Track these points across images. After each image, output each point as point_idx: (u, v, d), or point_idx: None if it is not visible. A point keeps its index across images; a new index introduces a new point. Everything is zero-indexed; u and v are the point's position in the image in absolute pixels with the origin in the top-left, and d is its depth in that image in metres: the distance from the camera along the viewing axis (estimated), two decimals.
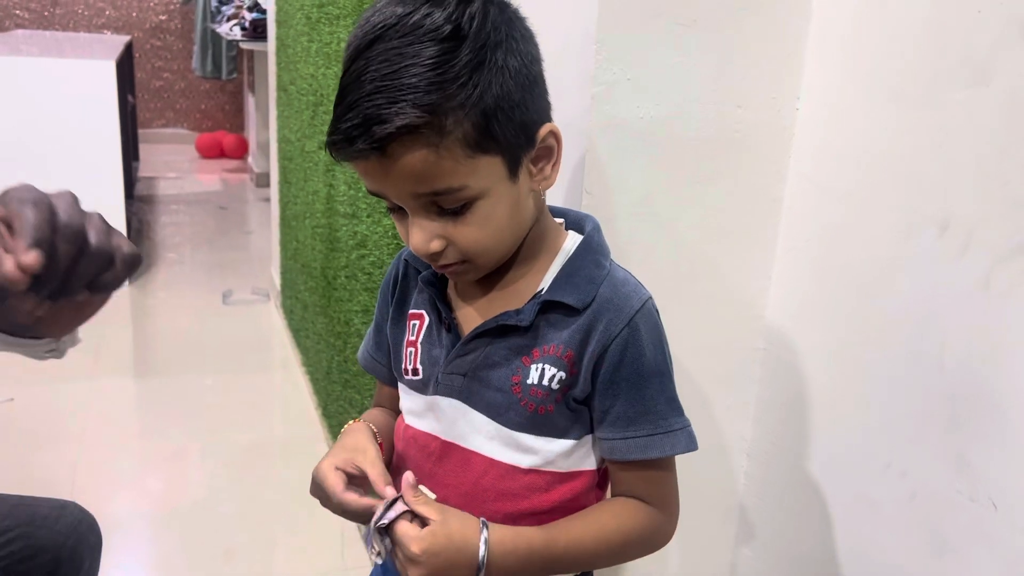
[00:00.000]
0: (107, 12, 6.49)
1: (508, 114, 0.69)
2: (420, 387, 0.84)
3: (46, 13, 6.37)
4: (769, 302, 1.08)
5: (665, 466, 0.81)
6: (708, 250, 1.03)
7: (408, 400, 0.87)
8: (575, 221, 0.84)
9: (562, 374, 0.76)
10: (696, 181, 1.00)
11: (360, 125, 0.66)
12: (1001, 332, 0.79)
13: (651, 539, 0.82)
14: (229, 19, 4.36)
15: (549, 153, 0.75)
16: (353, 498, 0.77)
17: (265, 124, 4.79)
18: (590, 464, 0.82)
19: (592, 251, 0.80)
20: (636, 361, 0.76)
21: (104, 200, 3.41)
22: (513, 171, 0.72)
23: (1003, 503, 0.80)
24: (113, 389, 2.72)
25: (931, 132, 0.85)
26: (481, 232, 0.73)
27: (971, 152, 0.81)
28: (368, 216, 1.89)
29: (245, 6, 4.08)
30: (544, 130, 0.73)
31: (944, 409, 0.85)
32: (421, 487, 0.77)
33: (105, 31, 6.39)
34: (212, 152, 6.41)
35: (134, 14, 6.54)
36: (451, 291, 0.85)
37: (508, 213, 0.74)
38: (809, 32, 1.00)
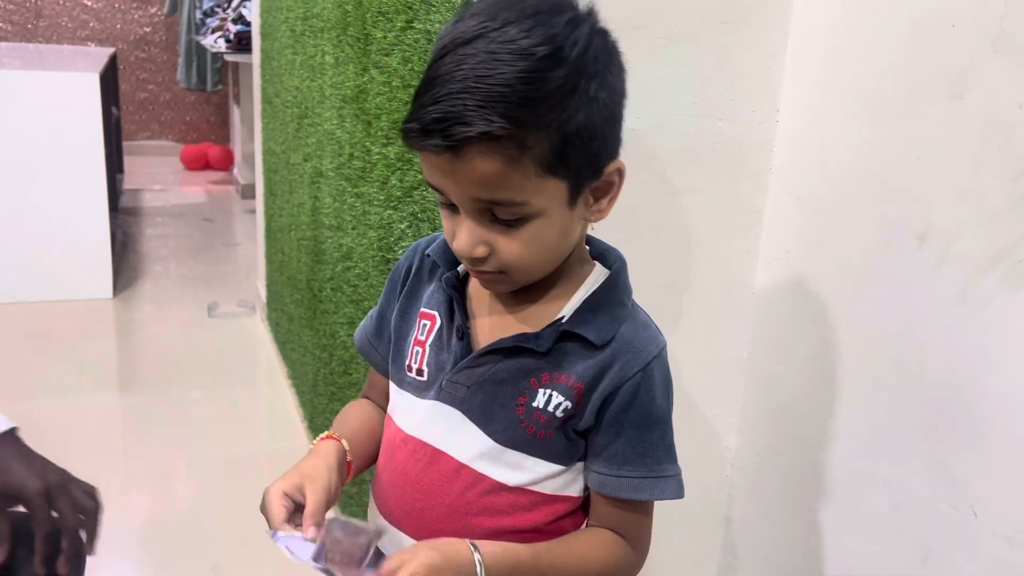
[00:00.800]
0: (91, 24, 6.47)
1: (586, 143, 0.69)
2: (420, 389, 0.83)
3: (29, 26, 6.34)
4: (752, 313, 1.08)
5: (647, 510, 0.82)
6: (690, 261, 1.04)
7: (402, 401, 0.85)
8: (599, 252, 0.84)
9: (568, 404, 0.77)
10: (678, 193, 1.00)
11: (441, 120, 0.66)
12: (979, 342, 0.80)
13: (622, 573, 0.82)
14: (214, 31, 4.35)
15: (610, 188, 0.75)
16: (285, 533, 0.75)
17: (250, 136, 4.78)
18: (576, 490, 0.82)
19: (618, 289, 0.80)
20: (645, 406, 0.77)
21: (88, 213, 3.40)
22: (573, 198, 0.72)
23: (983, 511, 0.81)
24: (97, 403, 2.70)
25: (908, 145, 0.86)
26: (527, 249, 0.72)
27: (948, 164, 0.82)
28: (353, 228, 1.89)
29: (230, 19, 4.07)
30: (612, 166, 0.74)
31: (925, 418, 0.86)
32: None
33: (89, 43, 6.37)
34: (197, 164, 6.38)
35: (118, 26, 6.52)
36: (469, 299, 0.83)
37: (557, 237, 0.73)
38: (788, 46, 1.01)
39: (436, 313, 0.83)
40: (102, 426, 2.58)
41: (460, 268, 0.83)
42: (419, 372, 0.83)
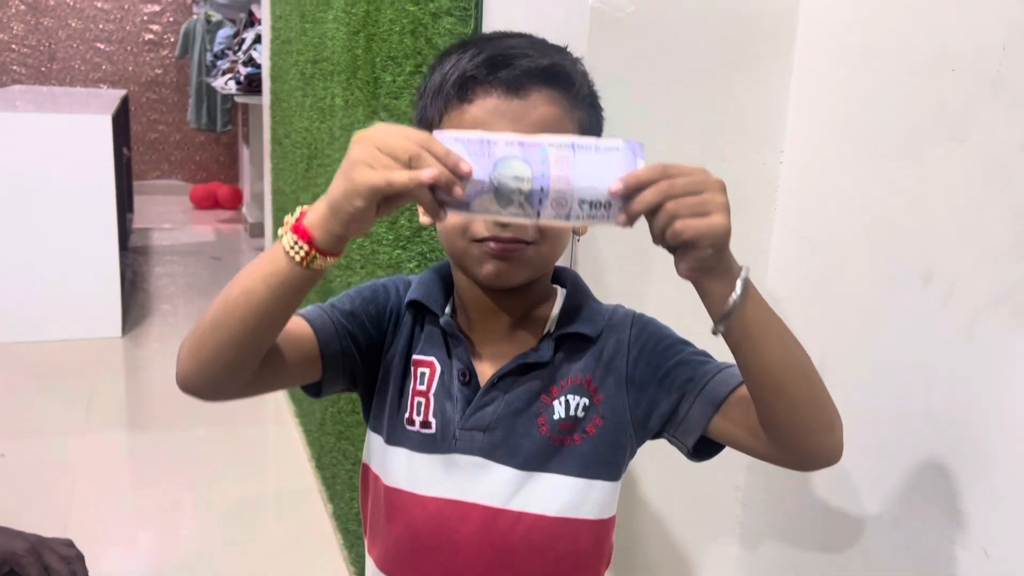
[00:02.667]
0: (103, 67, 6.58)
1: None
2: (427, 443, 0.80)
3: (43, 68, 6.44)
4: None
5: None
6: (698, 301, 1.05)
7: (396, 460, 0.81)
8: (555, 275, 0.85)
9: (586, 400, 0.78)
10: None
11: (509, 57, 0.71)
12: (986, 381, 0.81)
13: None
14: (224, 73, 4.42)
15: None
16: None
17: (259, 175, 4.83)
18: (611, 510, 0.82)
19: (584, 289, 0.84)
20: (657, 334, 0.80)
21: (98, 253, 3.43)
22: None
23: (995, 552, 0.80)
24: (105, 442, 2.70)
25: (911, 186, 0.88)
26: None
27: (950, 205, 0.84)
28: (362, 267, 1.90)
29: (240, 61, 4.14)
30: None
31: (935, 459, 0.86)
32: None
33: (102, 85, 6.46)
34: (207, 203, 6.44)
35: (130, 68, 6.63)
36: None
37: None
38: (791, 89, 1.03)
39: (433, 359, 0.81)
40: (110, 465, 2.58)
41: (447, 310, 0.82)
42: (425, 424, 0.80)
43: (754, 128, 1.02)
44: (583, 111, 0.76)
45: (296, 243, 0.64)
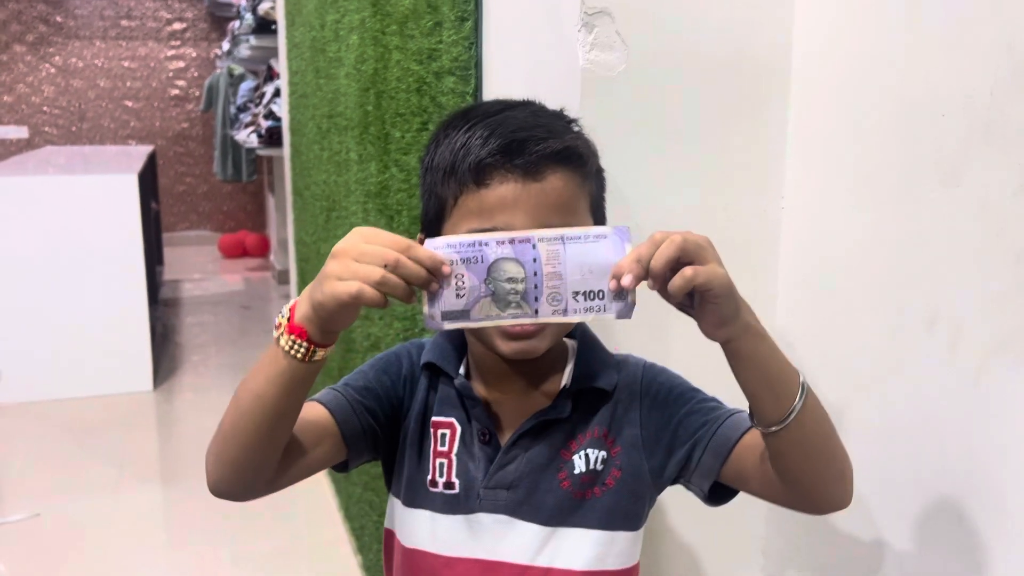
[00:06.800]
0: (132, 124, 6.75)
1: (599, 209, 0.79)
2: (450, 503, 0.81)
3: (73, 128, 6.63)
4: None
5: None
6: (704, 351, 1.05)
7: (419, 521, 0.82)
8: None
9: (604, 453, 0.79)
10: None
11: (525, 140, 0.72)
12: (996, 427, 0.79)
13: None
14: (247, 126, 4.52)
15: None
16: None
17: (285, 222, 4.92)
18: (634, 559, 0.83)
19: (593, 340, 0.85)
20: (668, 384, 0.82)
21: (128, 308, 3.49)
22: None
23: None
24: (138, 499, 2.73)
25: (911, 230, 0.87)
26: None
27: (949, 250, 0.83)
28: (380, 318, 1.92)
29: (261, 115, 4.23)
30: None
31: (949, 507, 0.85)
32: None
33: (130, 141, 6.63)
34: (235, 251, 6.55)
35: (157, 124, 6.80)
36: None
37: None
38: (788, 135, 1.03)
39: (453, 420, 0.83)
40: (143, 521, 2.60)
41: (462, 371, 0.83)
42: (448, 485, 0.81)
43: (753, 177, 1.02)
44: (593, 183, 0.78)
45: (295, 343, 0.67)
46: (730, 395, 0.76)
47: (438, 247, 0.65)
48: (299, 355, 0.67)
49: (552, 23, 0.98)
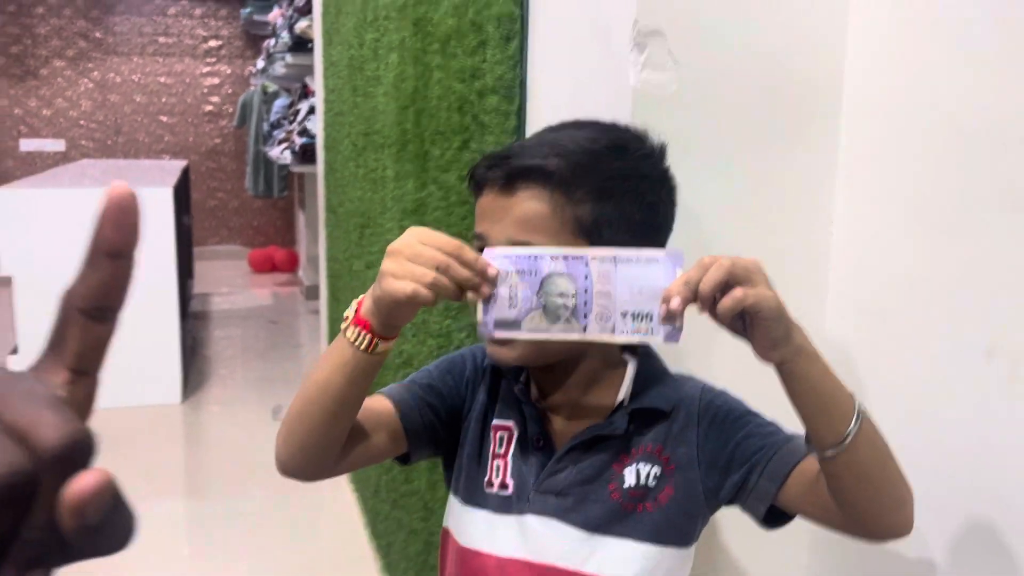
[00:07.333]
0: (166, 138, 6.85)
1: (618, 230, 0.76)
2: (503, 504, 0.83)
3: (109, 142, 6.74)
4: None
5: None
6: (752, 376, 1.03)
7: (475, 521, 0.84)
8: None
9: (657, 470, 0.80)
10: None
11: (506, 157, 0.76)
12: None
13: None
14: (280, 143, 4.56)
15: None
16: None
17: (314, 239, 4.95)
18: (684, 574, 0.83)
19: (656, 358, 0.86)
20: (726, 407, 0.81)
21: (159, 321, 3.52)
22: None
23: None
24: (165, 511, 2.74)
25: (967, 259, 0.86)
26: None
27: (1010, 280, 0.81)
28: (413, 336, 1.92)
29: (295, 131, 4.27)
30: None
31: (1005, 540, 0.82)
32: None
33: (164, 156, 6.72)
34: (264, 266, 6.60)
35: (191, 139, 6.89)
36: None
37: None
38: (838, 158, 1.02)
39: (511, 423, 0.85)
40: (169, 533, 2.61)
41: (522, 376, 0.85)
42: (502, 486, 0.84)
43: (803, 200, 1.01)
44: (585, 207, 0.74)
45: (360, 334, 0.72)
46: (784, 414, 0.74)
47: (495, 257, 0.69)
48: (363, 346, 0.71)
49: (601, 42, 0.98)
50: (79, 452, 0.30)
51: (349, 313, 0.73)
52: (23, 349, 3.33)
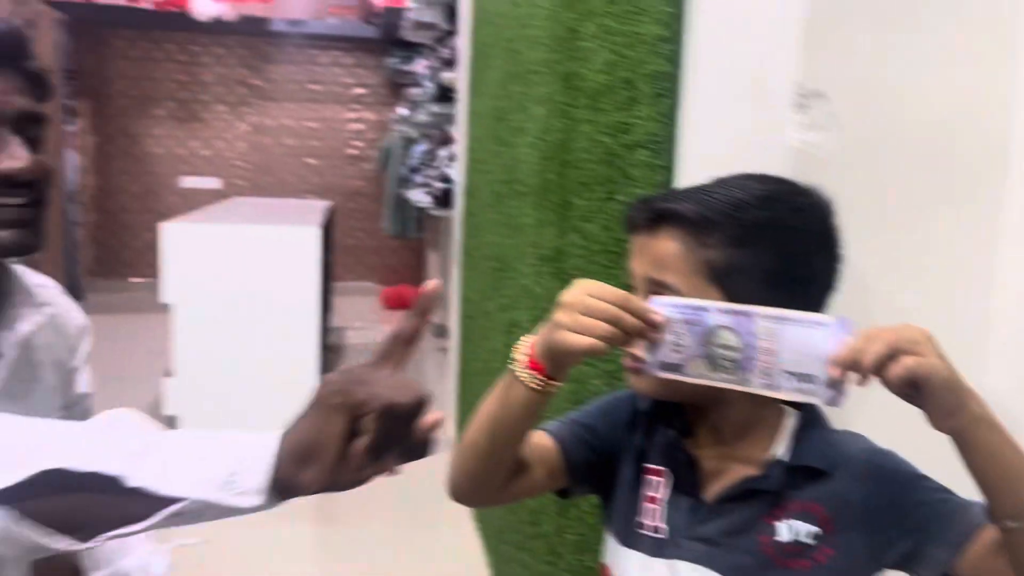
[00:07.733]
0: (311, 179, 7.23)
1: (753, 279, 0.78)
2: (655, 547, 0.85)
3: (259, 181, 7.17)
4: None
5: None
6: (921, 438, 1.00)
7: (630, 561, 0.87)
8: None
9: (816, 530, 0.79)
10: None
11: (654, 200, 0.82)
12: None
13: None
14: (419, 187, 4.74)
15: None
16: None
17: (446, 279, 5.09)
18: None
19: (818, 413, 0.85)
20: (895, 471, 0.80)
21: (300, 352, 3.68)
22: None
23: None
24: (292, 535, 2.84)
25: None
26: None
27: None
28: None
29: (436, 177, 4.43)
30: None
31: None
32: None
33: (309, 196, 7.08)
34: (395, 304, 6.81)
35: (334, 180, 7.24)
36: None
37: None
38: (1002, 224, 0.99)
39: (665, 468, 0.87)
40: (292, 559, 2.71)
41: (677, 424, 0.87)
42: (655, 530, 0.86)
43: (962, 266, 0.99)
44: (718, 251, 0.78)
45: (533, 376, 0.78)
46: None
47: (661, 305, 0.73)
48: (536, 387, 0.78)
49: (759, 101, 1.00)
50: (428, 398, 0.66)
51: (522, 357, 0.79)
52: (178, 373, 3.55)
